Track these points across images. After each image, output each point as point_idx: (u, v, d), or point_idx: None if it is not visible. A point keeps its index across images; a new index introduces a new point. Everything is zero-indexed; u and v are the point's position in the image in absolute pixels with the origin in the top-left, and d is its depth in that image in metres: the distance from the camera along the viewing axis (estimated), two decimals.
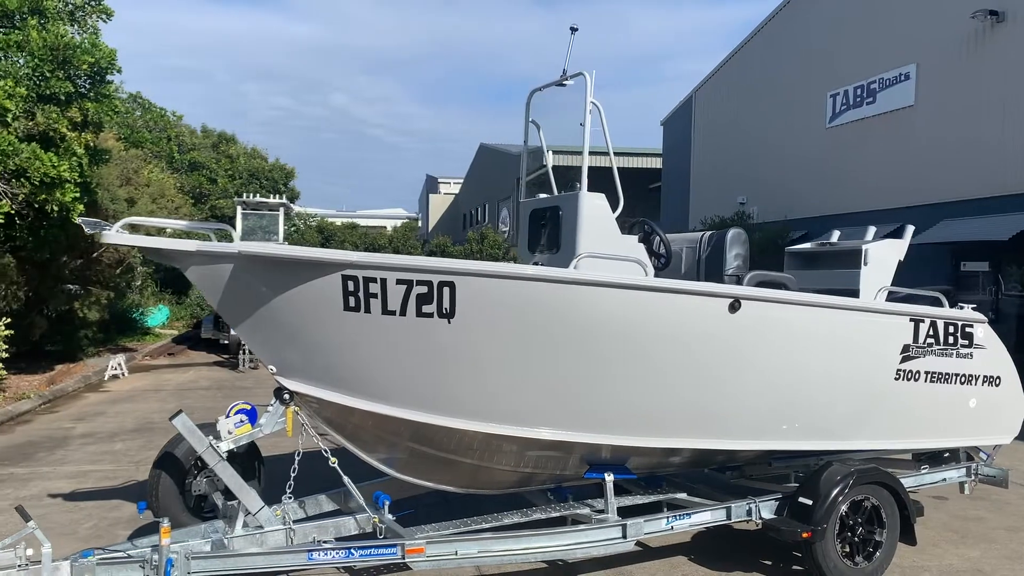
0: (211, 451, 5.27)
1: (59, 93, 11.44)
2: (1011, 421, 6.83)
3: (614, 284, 5.07)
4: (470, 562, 5.22)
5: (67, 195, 12.05)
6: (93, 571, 4.78)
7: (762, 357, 5.59)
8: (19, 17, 11.87)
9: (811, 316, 5.69)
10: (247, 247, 4.80)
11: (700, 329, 5.35)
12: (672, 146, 32.50)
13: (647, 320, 5.18)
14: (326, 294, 4.86)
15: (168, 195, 19.48)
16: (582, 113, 5.99)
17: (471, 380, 5.17)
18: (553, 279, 4.95)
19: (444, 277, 4.81)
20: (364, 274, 4.80)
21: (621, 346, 5.19)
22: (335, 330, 5.00)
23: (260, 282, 4.92)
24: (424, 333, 4.95)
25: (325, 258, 4.83)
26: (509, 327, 5.01)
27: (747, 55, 26.73)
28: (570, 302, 5.01)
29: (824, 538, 5.60)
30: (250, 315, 5.09)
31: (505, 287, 4.92)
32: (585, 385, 5.27)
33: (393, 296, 4.84)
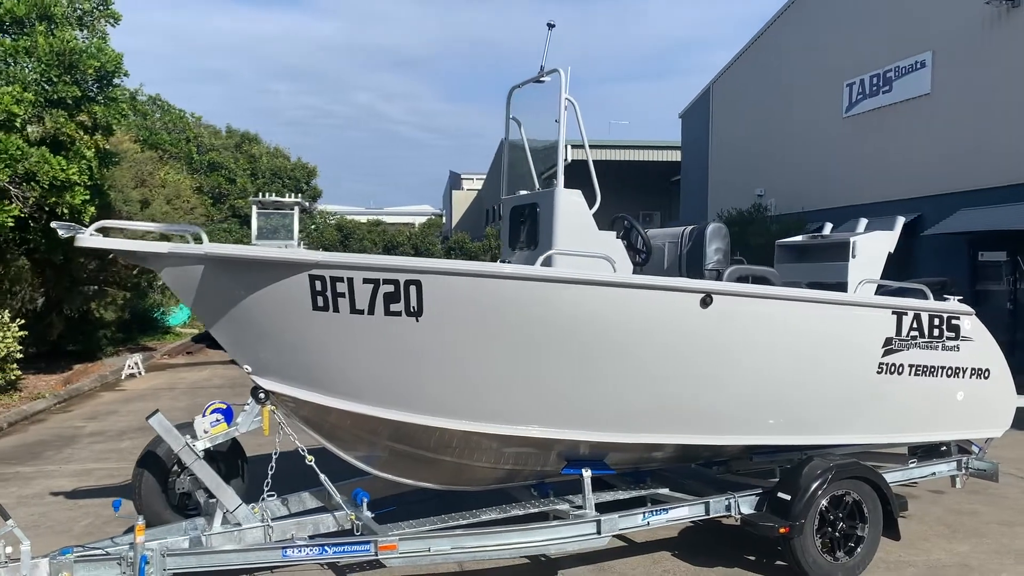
0: (187, 450, 5.35)
1: (66, 97, 11.61)
2: (1002, 414, 6.73)
3: (577, 280, 5.07)
4: (443, 558, 5.25)
5: (76, 198, 12.24)
6: (71, 568, 4.86)
7: (737, 352, 5.56)
8: (28, 23, 12.06)
9: (787, 310, 5.65)
10: (214, 248, 4.86)
11: (671, 324, 5.33)
12: (691, 139, 32.30)
13: (614, 316, 5.18)
14: (294, 294, 4.91)
15: (184, 196, 19.76)
16: (568, 108, 5.99)
17: (443, 378, 5.20)
18: (516, 276, 4.97)
19: (410, 276, 4.84)
20: (331, 274, 4.84)
21: (589, 342, 5.19)
22: (306, 330, 5.05)
23: (230, 283, 4.98)
24: (393, 332, 4.99)
25: (291, 259, 4.88)
26: (477, 324, 5.03)
27: (763, 45, 26.48)
28: (536, 299, 5.02)
29: (802, 533, 5.57)
30: (223, 315, 5.15)
31: (471, 285, 4.95)
32: (555, 382, 5.28)
33: (360, 295, 4.88)
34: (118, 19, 13.34)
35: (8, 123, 11.05)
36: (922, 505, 7.53)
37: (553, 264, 5.53)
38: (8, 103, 10.91)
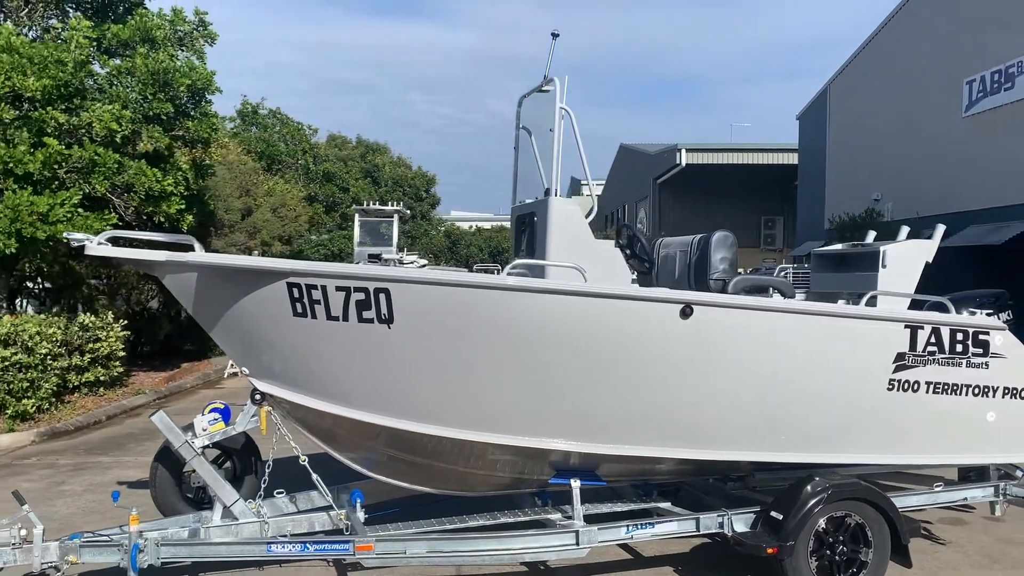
0: (187, 446, 5.68)
1: (161, 114, 12.44)
2: None
3: (543, 290, 5.07)
4: (419, 561, 5.37)
5: (172, 207, 13.11)
6: (78, 552, 5.26)
7: (722, 364, 5.41)
8: (131, 46, 13.00)
9: (777, 322, 5.45)
10: (202, 257, 5.15)
11: (649, 335, 5.25)
12: (808, 141, 31.18)
13: (587, 326, 5.15)
14: (275, 301, 5.14)
15: (289, 204, 20.76)
16: (564, 118, 5.98)
17: (418, 384, 5.31)
18: (480, 285, 5.02)
19: (378, 284, 4.98)
20: (306, 281, 5.05)
21: (561, 352, 5.18)
22: (289, 335, 5.28)
23: (220, 290, 5.27)
24: (368, 338, 5.14)
25: (268, 267, 5.11)
26: (447, 333, 5.12)
27: (880, 43, 25.27)
28: (504, 308, 5.06)
29: (793, 555, 5.35)
30: (219, 320, 5.45)
31: (438, 293, 5.04)
32: (525, 391, 5.29)
33: (335, 303, 5.06)
34: (215, 39, 14.18)
35: (108, 139, 11.94)
36: (969, 532, 7.06)
37: (546, 274, 5.56)
38: (108, 120, 11.80)
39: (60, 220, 11.32)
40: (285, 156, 25.00)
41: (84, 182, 11.81)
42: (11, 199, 11.08)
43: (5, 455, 10.17)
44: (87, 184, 11.79)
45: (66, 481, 8.91)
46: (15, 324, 11.22)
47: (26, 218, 11.03)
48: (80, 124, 11.87)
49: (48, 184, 11.54)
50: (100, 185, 11.77)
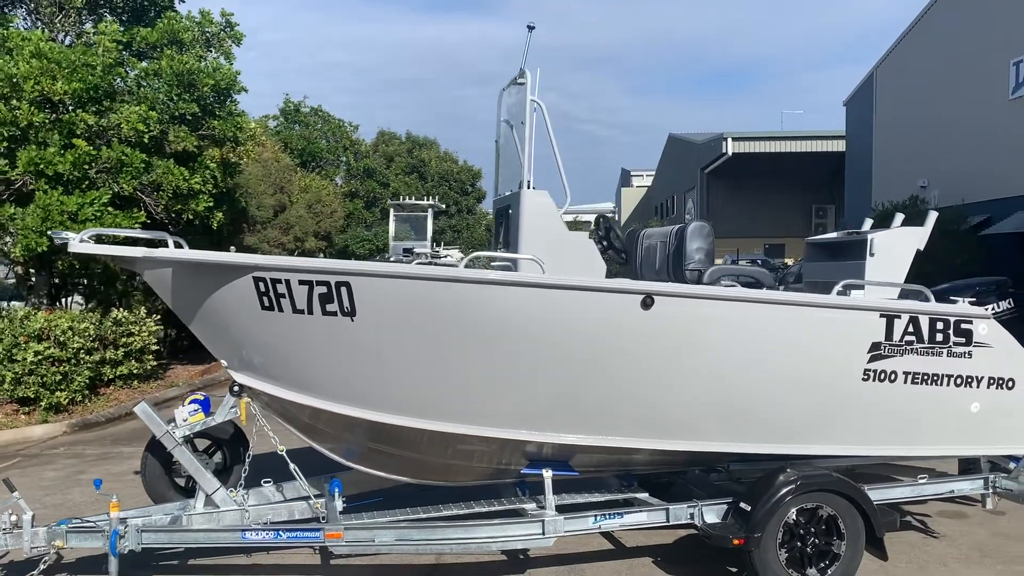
0: (168, 436, 5.87)
1: (186, 114, 12.77)
2: None
3: (499, 282, 5.11)
4: (388, 549, 5.47)
5: (200, 205, 13.45)
6: (64, 537, 5.49)
7: (685, 355, 5.38)
8: (159, 48, 13.36)
9: (743, 312, 5.39)
10: (173, 253, 5.31)
11: (611, 326, 5.24)
12: (855, 127, 30.48)
13: (546, 317, 5.17)
14: (244, 295, 5.28)
15: (324, 200, 21.07)
16: (536, 111, 6.01)
17: (385, 376, 5.40)
18: (437, 278, 5.08)
19: (339, 278, 5.08)
20: (270, 276, 5.17)
21: (520, 344, 5.21)
22: (259, 328, 5.41)
23: (193, 284, 5.43)
24: (333, 331, 5.24)
25: (234, 261, 5.25)
26: (409, 324, 5.19)
27: (926, 26, 24.56)
28: (462, 301, 5.11)
29: (760, 546, 5.31)
30: (195, 314, 5.62)
31: (398, 286, 5.11)
32: (492, 382, 5.34)
33: (299, 296, 5.17)
34: (241, 39, 14.48)
35: (136, 140, 12.31)
36: (967, 526, 6.91)
37: (519, 267, 5.60)
38: (135, 121, 12.15)
39: (89, 219, 11.71)
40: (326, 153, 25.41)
41: (113, 182, 12.19)
42: (42, 199, 11.50)
43: (36, 445, 10.60)
44: (116, 184, 12.16)
45: (87, 470, 9.23)
46: (48, 320, 11.65)
47: (56, 217, 11.44)
48: (109, 125, 12.25)
49: (79, 184, 11.93)
50: (128, 185, 12.12)
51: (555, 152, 6.02)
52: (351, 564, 6.18)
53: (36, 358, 11.24)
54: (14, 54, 11.64)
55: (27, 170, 11.49)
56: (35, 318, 11.56)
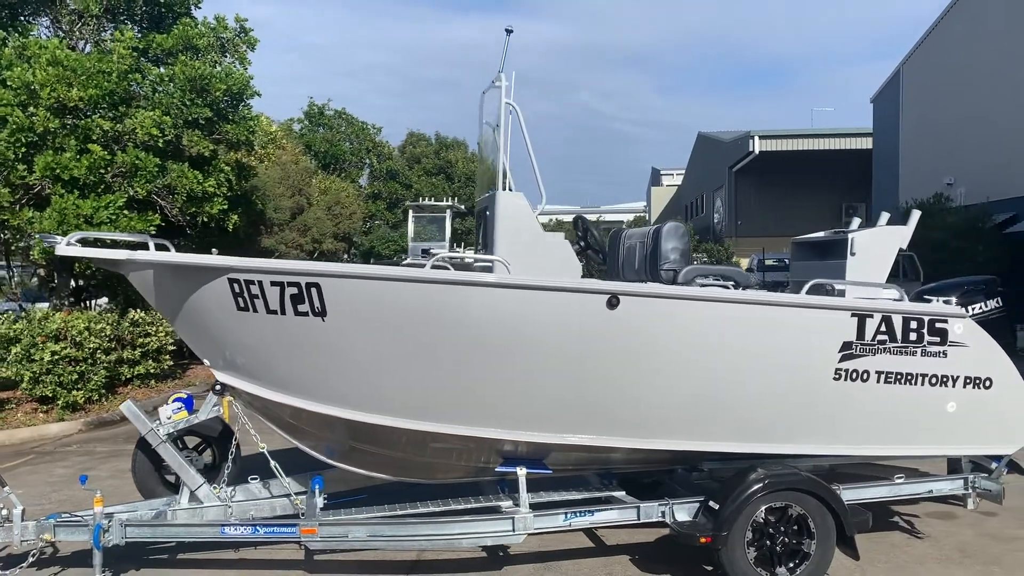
0: (152, 433, 6.04)
1: (199, 118, 13.02)
2: (1016, 429, 6.00)
3: (462, 282, 5.19)
4: (361, 544, 5.58)
5: (215, 207, 13.71)
6: (52, 531, 5.69)
7: (652, 354, 5.42)
8: (174, 54, 13.63)
9: (711, 311, 5.42)
10: (154, 255, 5.47)
11: (576, 326, 5.30)
12: (881, 125, 30.13)
13: (511, 317, 5.24)
14: (220, 296, 5.42)
15: (343, 202, 21.29)
16: (511, 114, 6.08)
17: (356, 374, 5.51)
18: (403, 279, 5.18)
19: (309, 279, 5.20)
20: (244, 277, 5.31)
21: (486, 343, 5.29)
22: (235, 328, 5.56)
23: (173, 286, 5.59)
24: (305, 330, 5.37)
25: (208, 263, 5.39)
26: (377, 324, 5.29)
27: (952, 21, 24.19)
28: (427, 301, 5.20)
29: (727, 544, 5.34)
30: (177, 314, 5.78)
31: (365, 287, 5.22)
32: (462, 380, 5.42)
33: (271, 297, 5.31)
34: (255, 44, 14.72)
35: (151, 144, 12.58)
36: (955, 526, 6.86)
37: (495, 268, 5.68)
38: (149, 126, 12.43)
39: (104, 222, 12.01)
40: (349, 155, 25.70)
41: (128, 186, 12.47)
42: (58, 203, 11.81)
43: (51, 442, 10.89)
44: (131, 188, 12.44)
45: (96, 467, 9.47)
46: (66, 321, 11.95)
47: (72, 221, 11.74)
48: (125, 131, 12.54)
49: (95, 188, 12.23)
50: (141, 188, 12.40)
51: (530, 154, 6.09)
52: (335, 559, 6.30)
53: (53, 358, 11.53)
54: (32, 62, 11.96)
55: (44, 175, 11.82)
56: (53, 319, 11.86)
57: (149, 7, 14.60)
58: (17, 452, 10.43)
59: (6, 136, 11.78)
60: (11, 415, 11.83)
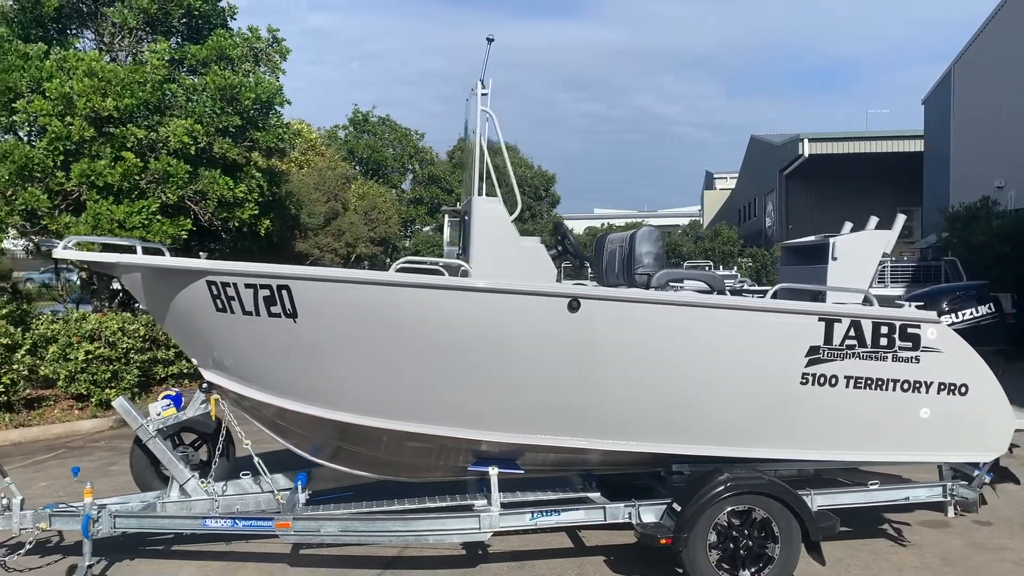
0: (143, 429, 6.32)
1: (229, 126, 13.43)
2: (993, 437, 5.91)
3: (424, 285, 5.33)
4: (332, 539, 5.77)
5: (246, 213, 14.12)
6: (48, 519, 5.99)
7: (613, 356, 5.48)
8: (207, 64, 14.08)
9: (673, 315, 5.46)
10: (135, 259, 5.74)
11: (537, 328, 5.40)
12: (932, 126, 29.46)
13: (473, 319, 5.37)
14: (200, 298, 5.66)
15: (379, 207, 21.63)
16: (488, 120, 6.22)
17: (329, 373, 5.70)
18: (367, 281, 5.35)
19: (280, 281, 5.41)
20: (220, 279, 5.53)
21: (449, 344, 5.42)
22: (215, 329, 5.79)
23: (158, 288, 5.85)
24: (278, 331, 5.57)
25: (188, 266, 5.64)
26: (345, 326, 5.47)
27: (1003, 20, 23.56)
28: (390, 303, 5.36)
29: (688, 546, 5.38)
30: (165, 315, 6.05)
31: (332, 289, 5.40)
32: (426, 381, 5.57)
33: (246, 298, 5.52)
34: (287, 53, 15.12)
35: (181, 151, 13.03)
36: (944, 535, 6.75)
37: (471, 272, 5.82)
38: (181, 134, 12.87)
39: (136, 226, 12.48)
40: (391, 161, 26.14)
41: (161, 191, 12.94)
42: (93, 208, 12.31)
43: (82, 438, 11.35)
44: (163, 194, 12.90)
45: (118, 463, 9.85)
46: (100, 321, 12.44)
47: (105, 225, 12.23)
48: (158, 139, 13.01)
49: (128, 194, 12.72)
50: (173, 194, 12.85)
51: (506, 161, 6.22)
52: (320, 553, 6.49)
53: (87, 357, 12.01)
54: (70, 73, 12.49)
55: (80, 181, 12.33)
56: (88, 320, 12.36)
57: (188, 19, 15.08)
58: (49, 446, 10.91)
59: (45, 145, 12.34)
60: (48, 411, 12.35)
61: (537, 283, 5.45)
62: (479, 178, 6.14)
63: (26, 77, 12.38)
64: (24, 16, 13.55)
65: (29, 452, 10.56)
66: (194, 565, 6.28)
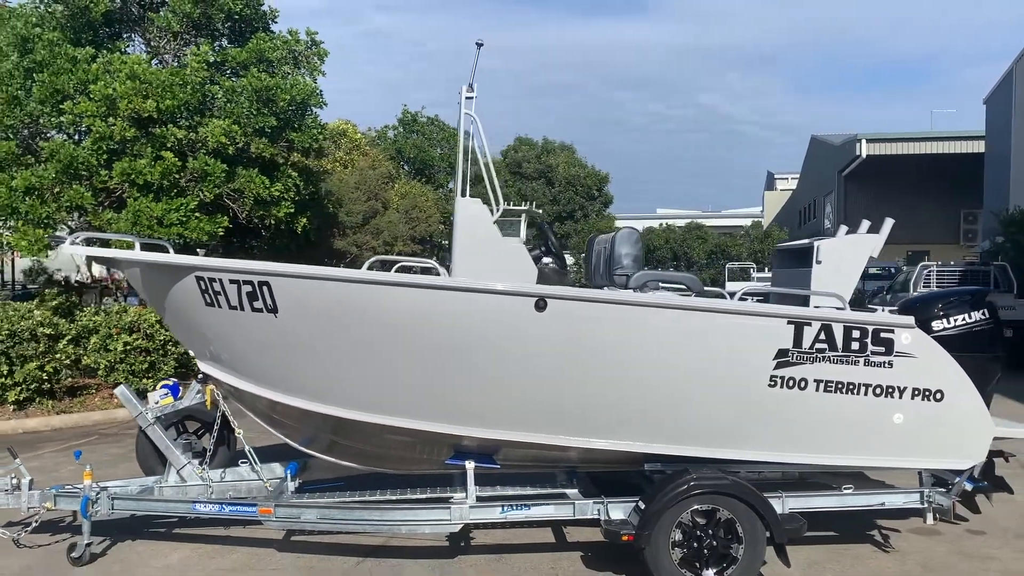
0: (142, 416, 6.64)
1: (265, 127, 13.85)
2: (970, 444, 5.83)
3: (398, 283, 5.51)
4: (311, 526, 6.00)
5: (281, 211, 14.55)
6: (52, 499, 6.35)
7: (579, 355, 5.58)
8: (246, 67, 14.53)
9: (636, 315, 5.54)
10: (133, 255, 6.06)
11: (505, 327, 5.54)
12: (994, 126, 28.58)
13: (443, 317, 5.53)
14: (190, 292, 5.95)
15: (419, 206, 21.95)
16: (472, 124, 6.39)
17: (309, 367, 5.93)
18: (337, 279, 5.55)
19: (260, 277, 5.65)
20: (207, 275, 5.81)
21: (418, 341, 5.59)
22: (205, 322, 6.08)
23: (155, 282, 6.17)
24: (261, 326, 5.83)
25: (177, 262, 5.93)
26: (321, 321, 5.69)
27: None
28: (362, 300, 5.56)
29: (651, 544, 5.45)
30: (163, 308, 6.37)
31: (308, 286, 5.62)
32: (401, 376, 5.75)
33: (231, 294, 5.79)
34: (325, 56, 15.51)
35: (218, 151, 13.50)
36: (931, 542, 6.67)
37: (452, 270, 6.00)
38: (218, 135, 13.33)
39: (174, 223, 12.99)
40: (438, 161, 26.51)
41: (199, 190, 13.42)
42: (132, 206, 12.84)
43: (117, 425, 11.88)
44: (201, 191, 13.39)
45: None
46: (140, 314, 12.97)
47: (144, 222, 12.76)
48: (198, 139, 13.49)
49: (168, 192, 13.23)
50: (209, 192, 13.32)
51: (488, 163, 6.37)
52: (312, 540, 6.73)
53: (125, 348, 12.54)
54: (114, 76, 13.04)
55: (121, 179, 12.87)
56: (128, 312, 12.90)
57: (231, 22, 15.58)
58: (86, 432, 11.46)
59: (90, 144, 12.92)
60: (89, 399, 12.93)
61: (504, 282, 5.57)
62: (461, 180, 6.31)
63: (73, 80, 12.96)
64: (75, 21, 14.17)
65: (66, 438, 11.10)
66: (189, 547, 6.58)
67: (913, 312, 6.46)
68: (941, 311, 6.46)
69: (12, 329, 11.78)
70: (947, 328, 6.39)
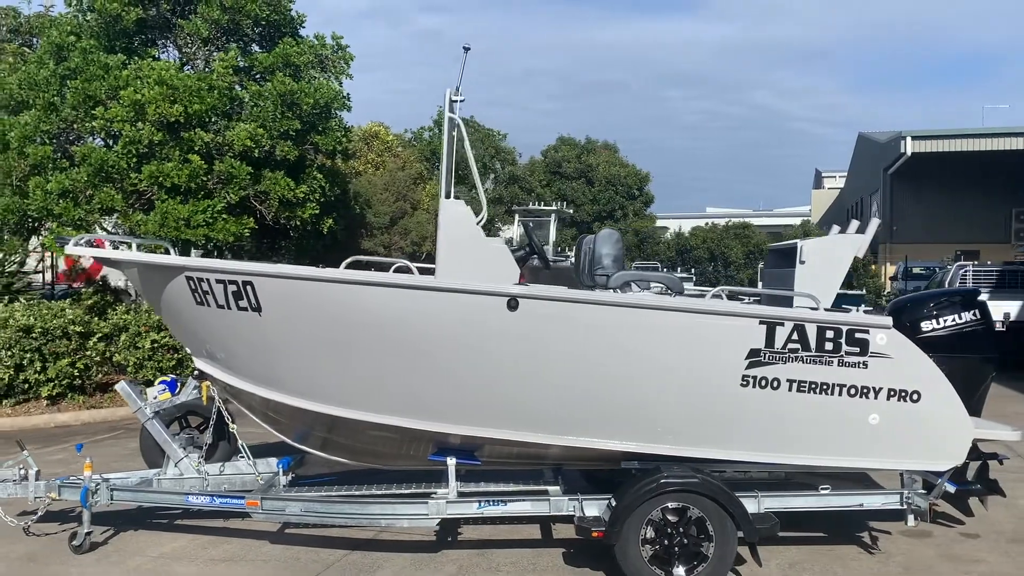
0: (141, 411, 6.90)
1: (289, 130, 14.16)
2: (949, 445, 5.77)
3: (364, 282, 5.65)
4: (295, 518, 6.20)
5: (307, 212, 14.86)
6: (56, 489, 6.64)
7: (552, 354, 5.66)
8: (272, 71, 14.86)
9: (608, 315, 5.60)
10: (129, 255, 6.31)
11: (478, 326, 5.65)
12: None
13: (418, 316, 5.66)
14: (182, 292, 6.18)
15: None
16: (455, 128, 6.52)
17: (293, 364, 6.11)
18: (315, 279, 5.71)
19: (244, 277, 5.84)
20: (196, 275, 6.02)
21: (395, 340, 5.73)
22: (197, 320, 6.30)
23: (150, 281, 6.41)
24: (247, 324, 6.02)
25: (168, 263, 6.16)
26: (303, 320, 5.86)
27: None
28: (340, 299, 5.71)
29: (620, 540, 5.52)
30: (159, 306, 6.61)
31: (290, 285, 5.80)
32: (378, 374, 5.89)
33: (218, 293, 5.99)
34: (350, 60, 15.78)
35: (244, 154, 13.84)
36: (918, 545, 6.61)
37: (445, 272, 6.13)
38: (244, 138, 13.67)
39: (200, 224, 13.35)
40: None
41: (225, 192, 13.78)
42: (160, 208, 13.24)
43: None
44: (227, 193, 13.74)
45: None
46: None
47: (171, 223, 13.15)
48: (224, 142, 13.85)
49: (195, 194, 13.60)
50: (235, 194, 13.67)
51: (473, 167, 6.50)
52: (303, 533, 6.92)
53: (153, 346, 12.92)
54: (144, 81, 13.45)
55: (150, 182, 13.28)
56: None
57: (259, 28, 15.93)
58: (112, 427, 11.85)
59: (120, 148, 13.34)
60: (118, 395, 13.34)
61: (478, 282, 5.68)
62: (446, 181, 6.43)
63: (105, 86, 13.40)
64: (108, 30, 14.63)
65: (93, 432, 11.50)
66: (187, 537, 6.82)
67: (903, 313, 6.43)
68: (931, 312, 6.41)
69: (45, 327, 12.23)
70: (937, 329, 6.35)
